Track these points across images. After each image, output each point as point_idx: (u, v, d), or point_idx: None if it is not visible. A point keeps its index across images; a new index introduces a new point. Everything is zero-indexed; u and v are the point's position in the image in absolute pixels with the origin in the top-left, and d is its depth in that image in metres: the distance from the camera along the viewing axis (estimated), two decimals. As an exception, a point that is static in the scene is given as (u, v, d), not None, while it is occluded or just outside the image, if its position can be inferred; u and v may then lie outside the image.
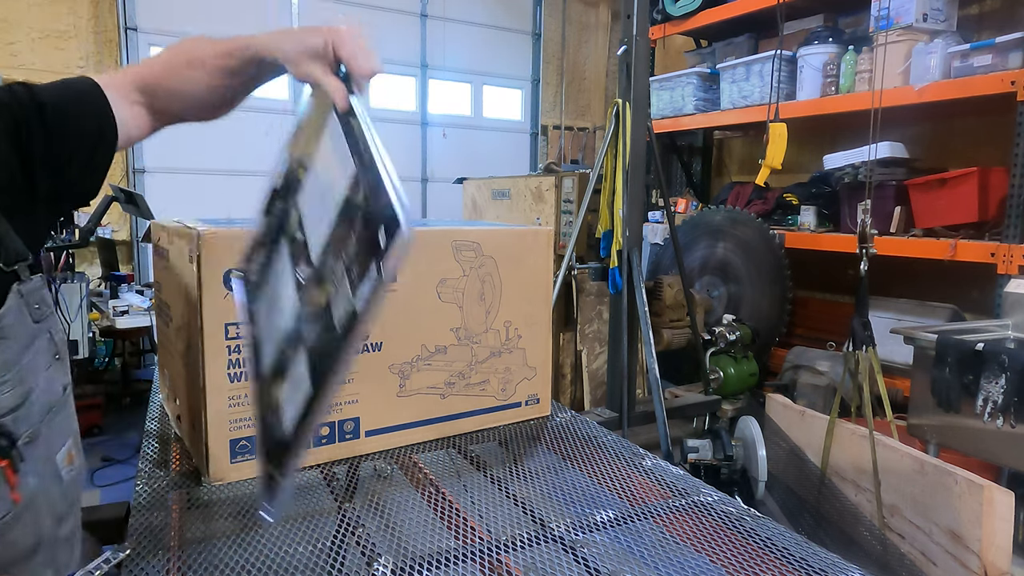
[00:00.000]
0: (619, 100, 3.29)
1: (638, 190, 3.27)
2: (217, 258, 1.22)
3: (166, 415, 1.65)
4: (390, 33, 6.62)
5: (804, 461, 2.98)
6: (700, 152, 6.36)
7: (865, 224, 2.81)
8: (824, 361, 4.01)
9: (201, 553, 1.06)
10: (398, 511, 1.24)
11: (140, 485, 1.29)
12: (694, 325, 3.77)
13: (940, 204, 3.69)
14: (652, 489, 1.35)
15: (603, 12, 7.88)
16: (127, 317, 4.04)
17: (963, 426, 2.64)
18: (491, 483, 1.38)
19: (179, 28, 5.65)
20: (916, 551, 2.41)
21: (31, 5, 5.15)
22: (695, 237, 4.80)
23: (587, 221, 3.78)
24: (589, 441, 1.57)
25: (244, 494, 1.26)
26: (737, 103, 4.85)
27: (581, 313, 3.91)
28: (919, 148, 4.28)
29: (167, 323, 1.56)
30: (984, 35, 3.93)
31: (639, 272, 3.24)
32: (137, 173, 5.62)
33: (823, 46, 4.30)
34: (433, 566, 1.02)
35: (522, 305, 1.64)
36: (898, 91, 3.68)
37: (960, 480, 2.22)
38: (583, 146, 7.85)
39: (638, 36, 3.21)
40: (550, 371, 1.73)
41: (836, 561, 1.04)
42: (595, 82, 7.99)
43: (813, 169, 4.89)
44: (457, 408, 1.57)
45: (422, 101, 6.88)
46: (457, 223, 1.57)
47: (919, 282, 4.18)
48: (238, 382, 1.27)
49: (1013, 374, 2.45)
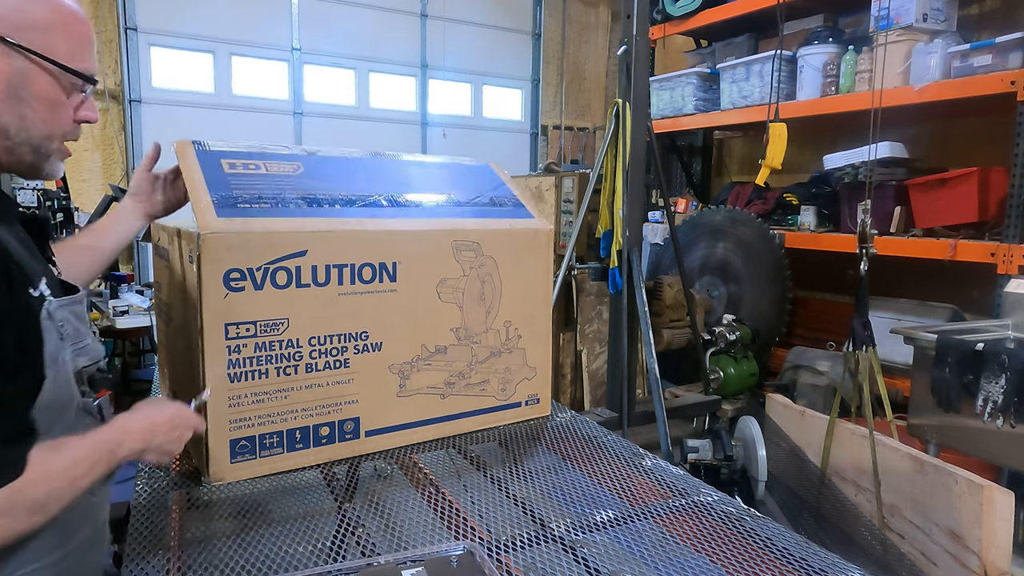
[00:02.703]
0: (619, 100, 3.29)
1: (638, 190, 3.27)
2: (217, 258, 1.22)
3: (166, 415, 1.64)
4: (390, 33, 6.62)
5: (804, 461, 2.98)
6: (700, 152, 6.36)
7: (865, 224, 2.80)
8: (824, 361, 4.01)
9: (201, 553, 1.06)
10: (398, 511, 1.24)
11: (140, 485, 1.29)
12: (694, 325, 3.77)
13: (940, 204, 3.69)
14: (652, 489, 1.35)
15: (603, 12, 7.88)
16: (127, 317, 4.03)
17: (963, 426, 2.64)
18: (491, 483, 1.38)
19: (179, 28, 5.65)
20: (916, 551, 2.41)
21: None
22: (695, 237, 4.80)
23: (587, 221, 3.78)
24: (589, 441, 1.57)
25: (244, 494, 1.26)
26: (737, 103, 4.85)
27: (581, 313, 3.91)
28: (919, 148, 4.28)
29: (167, 323, 1.56)
30: (984, 35, 3.93)
31: (639, 272, 3.24)
32: (137, 173, 5.62)
33: (823, 46, 4.29)
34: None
35: (522, 305, 1.64)
36: (898, 91, 3.68)
37: (960, 480, 2.22)
38: (583, 146, 7.85)
39: (638, 36, 3.21)
40: (550, 371, 1.73)
41: (836, 561, 1.04)
42: (595, 82, 7.99)
43: (813, 169, 4.89)
44: (457, 408, 1.57)
45: (422, 101, 6.88)
46: (458, 218, 1.57)
47: (919, 282, 4.18)
48: (238, 382, 1.27)
49: (1013, 374, 2.45)
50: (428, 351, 1.50)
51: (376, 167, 1.65)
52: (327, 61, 6.35)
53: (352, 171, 1.58)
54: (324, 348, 1.35)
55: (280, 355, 1.31)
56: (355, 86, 6.54)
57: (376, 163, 1.67)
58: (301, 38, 6.17)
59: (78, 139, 1.09)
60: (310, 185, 1.44)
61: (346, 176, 1.55)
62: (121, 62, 5.47)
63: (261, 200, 1.33)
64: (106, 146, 5.59)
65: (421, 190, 1.63)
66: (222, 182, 1.34)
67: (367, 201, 1.48)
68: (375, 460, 1.43)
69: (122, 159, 5.62)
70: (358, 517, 1.20)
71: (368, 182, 1.56)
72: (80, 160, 5.49)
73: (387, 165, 1.69)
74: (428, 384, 1.51)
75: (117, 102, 5.53)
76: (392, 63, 6.69)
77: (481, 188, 1.74)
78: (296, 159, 1.52)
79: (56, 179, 3.89)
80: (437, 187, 1.68)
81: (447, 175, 1.77)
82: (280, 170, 1.45)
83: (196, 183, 1.31)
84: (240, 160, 1.42)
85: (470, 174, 1.81)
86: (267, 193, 1.36)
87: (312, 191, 1.42)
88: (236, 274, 1.24)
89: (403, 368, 1.47)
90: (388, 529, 1.17)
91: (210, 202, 1.27)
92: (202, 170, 1.34)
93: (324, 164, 1.55)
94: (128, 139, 5.55)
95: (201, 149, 1.41)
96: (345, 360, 1.38)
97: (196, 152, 1.39)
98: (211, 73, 5.86)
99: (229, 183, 1.34)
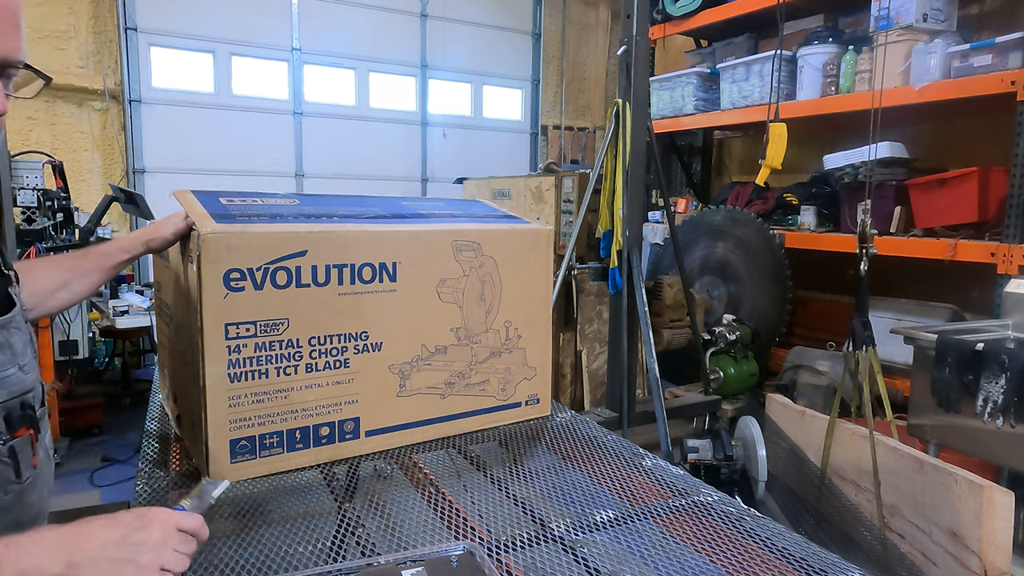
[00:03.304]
0: (619, 100, 3.29)
1: (638, 190, 3.27)
2: (217, 258, 1.22)
3: (166, 415, 1.65)
4: (390, 33, 6.62)
5: (804, 461, 2.98)
6: (700, 152, 6.36)
7: (865, 224, 2.81)
8: (824, 361, 4.01)
9: (201, 553, 1.06)
10: (398, 511, 1.24)
11: (140, 485, 1.29)
12: (694, 325, 3.77)
13: (940, 204, 3.69)
14: (652, 489, 1.35)
15: (603, 12, 7.88)
16: (127, 317, 4.04)
17: (963, 426, 2.64)
18: (491, 483, 1.38)
19: (179, 28, 5.65)
20: (916, 551, 2.41)
21: (31, 5, 5.14)
22: (695, 237, 4.80)
23: (587, 221, 3.78)
24: (589, 441, 1.57)
25: (244, 494, 1.26)
26: (737, 103, 4.85)
27: (581, 313, 3.91)
28: (919, 148, 4.28)
29: (167, 323, 1.56)
30: (984, 35, 3.93)
31: (639, 272, 3.24)
32: (137, 173, 5.62)
33: (823, 46, 4.29)
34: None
35: (522, 305, 1.64)
36: (898, 91, 3.68)
37: (960, 480, 2.22)
38: (583, 146, 7.85)
39: (638, 36, 3.21)
40: (550, 371, 1.73)
41: (836, 561, 1.04)
42: (595, 82, 7.99)
43: (813, 169, 4.89)
44: (457, 408, 1.57)
45: (422, 101, 6.88)
46: (457, 222, 1.58)
47: (919, 282, 4.18)
48: (238, 382, 1.27)
49: (1013, 374, 2.45)
50: (428, 351, 1.50)
51: (373, 199, 1.71)
52: (327, 61, 6.36)
53: (348, 201, 1.63)
54: (324, 348, 1.35)
55: (280, 355, 1.31)
56: (355, 86, 6.54)
57: (373, 198, 1.73)
58: (301, 38, 6.17)
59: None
60: (307, 210, 1.47)
61: (343, 204, 1.60)
62: (121, 62, 5.47)
63: (259, 216, 1.35)
64: (106, 146, 5.59)
65: (418, 210, 1.68)
66: (219, 208, 1.37)
67: (366, 216, 1.50)
68: (375, 460, 1.43)
69: (122, 159, 5.62)
70: (358, 517, 1.20)
71: (365, 208, 1.60)
72: (80, 160, 5.49)
73: (385, 199, 1.75)
74: (428, 384, 1.51)
75: (117, 102, 5.53)
76: (392, 63, 6.69)
77: (475, 209, 1.80)
78: (293, 197, 1.56)
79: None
80: (433, 207, 1.74)
81: (442, 203, 1.84)
82: (278, 202, 1.49)
83: (194, 208, 1.33)
84: (237, 198, 1.46)
85: (464, 203, 1.89)
86: (264, 212, 1.39)
87: (309, 213, 1.45)
88: (236, 274, 1.24)
89: (403, 368, 1.47)
90: (388, 529, 1.17)
91: (208, 215, 1.29)
92: (203, 206, 1.37)
93: (321, 198, 1.61)
94: (128, 139, 5.55)
95: (199, 192, 1.44)
96: (345, 360, 1.38)
97: (195, 194, 1.42)
98: (211, 73, 5.86)
99: (227, 208, 1.38)
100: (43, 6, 5.24)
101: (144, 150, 5.63)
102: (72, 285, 1.27)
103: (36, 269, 1.25)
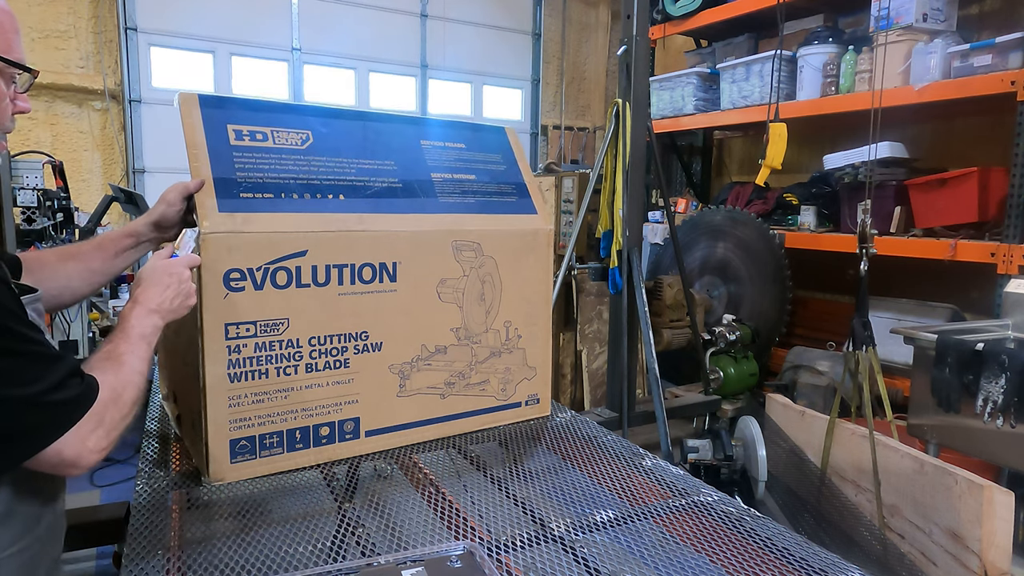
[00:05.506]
0: (619, 100, 3.29)
1: (638, 190, 3.27)
2: (217, 258, 1.22)
3: (166, 415, 1.65)
4: (390, 33, 6.62)
5: (804, 461, 2.98)
6: (700, 152, 6.36)
7: (865, 224, 2.80)
8: (824, 361, 4.01)
9: (201, 553, 1.06)
10: (398, 511, 1.24)
11: (140, 485, 1.29)
12: (694, 325, 3.76)
13: (940, 204, 3.69)
14: (652, 489, 1.35)
15: (603, 12, 7.88)
16: (127, 317, 4.03)
17: (963, 426, 2.64)
18: (491, 483, 1.38)
19: (179, 28, 5.65)
20: (916, 551, 2.41)
21: (31, 5, 5.14)
22: (695, 237, 4.80)
23: (587, 221, 3.78)
24: (589, 441, 1.57)
25: (244, 494, 1.26)
26: (737, 103, 4.85)
27: (581, 313, 3.91)
28: (919, 148, 4.27)
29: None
30: (984, 35, 3.93)
31: (639, 272, 3.24)
32: (137, 173, 5.62)
33: (823, 46, 4.29)
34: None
35: (522, 305, 1.64)
36: (898, 91, 3.68)
37: (960, 480, 2.22)
38: (583, 146, 7.85)
39: (638, 36, 3.21)
40: (550, 371, 1.73)
41: (836, 561, 1.04)
42: (595, 82, 7.99)
43: (813, 169, 4.89)
44: (457, 408, 1.57)
45: (422, 101, 6.88)
46: (458, 220, 1.56)
47: (919, 282, 4.17)
48: (238, 382, 1.27)
49: (1013, 374, 2.45)
50: (428, 351, 1.50)
51: (389, 137, 1.59)
52: (327, 61, 6.35)
53: (363, 144, 1.53)
54: (324, 348, 1.35)
55: (280, 355, 1.31)
56: (355, 86, 6.54)
57: (390, 130, 1.61)
58: (301, 38, 6.17)
59: (11, 131, 1.05)
60: (315, 166, 1.41)
61: (356, 150, 1.50)
62: (121, 62, 5.47)
63: (264, 189, 1.32)
64: (106, 146, 5.59)
65: (432, 170, 1.58)
66: (225, 156, 1.31)
67: (373, 189, 1.46)
68: (375, 460, 1.43)
69: (122, 159, 5.61)
70: (358, 517, 1.20)
71: (378, 157, 1.52)
72: (80, 160, 5.49)
73: (402, 133, 1.62)
74: (428, 384, 1.51)
75: (117, 102, 5.53)
76: (392, 63, 6.69)
77: (490, 163, 1.71)
78: (305, 127, 1.47)
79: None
80: (448, 165, 1.63)
81: (462, 148, 1.70)
82: (287, 142, 1.42)
83: (199, 152, 1.29)
84: (247, 127, 1.38)
85: (485, 144, 1.75)
86: (271, 176, 1.35)
87: (316, 176, 1.40)
88: (236, 274, 1.24)
89: (403, 368, 1.47)
90: (388, 529, 1.17)
91: (212, 189, 1.26)
92: (206, 138, 1.31)
93: (333, 135, 1.50)
94: (128, 139, 5.55)
95: (207, 109, 1.36)
96: (345, 360, 1.38)
97: (202, 113, 1.34)
98: (211, 73, 5.86)
99: (232, 160, 1.32)
100: (43, 6, 5.23)
101: (144, 150, 5.63)
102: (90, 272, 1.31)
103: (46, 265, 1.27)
